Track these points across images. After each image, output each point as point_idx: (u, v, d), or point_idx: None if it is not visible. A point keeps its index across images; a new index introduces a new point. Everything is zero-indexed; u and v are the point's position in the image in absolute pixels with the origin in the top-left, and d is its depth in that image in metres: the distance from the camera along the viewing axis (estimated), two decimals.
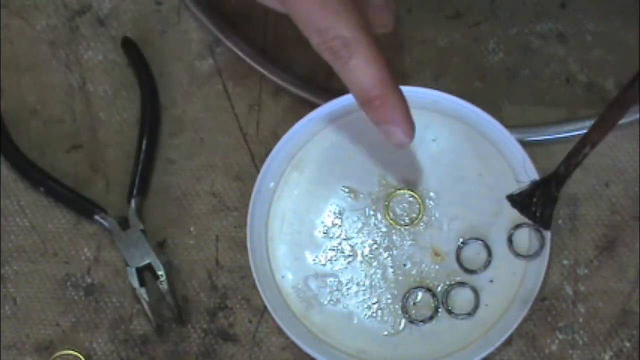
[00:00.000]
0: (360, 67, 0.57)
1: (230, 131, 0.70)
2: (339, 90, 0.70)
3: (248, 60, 0.70)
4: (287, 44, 0.71)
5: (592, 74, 0.70)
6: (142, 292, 0.66)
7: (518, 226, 0.65)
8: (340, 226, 0.66)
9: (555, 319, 0.66)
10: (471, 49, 0.71)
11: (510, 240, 0.65)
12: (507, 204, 0.65)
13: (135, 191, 0.68)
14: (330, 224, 0.66)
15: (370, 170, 0.67)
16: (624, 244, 0.67)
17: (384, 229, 0.66)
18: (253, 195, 0.66)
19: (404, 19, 0.72)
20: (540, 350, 0.66)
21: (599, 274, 0.67)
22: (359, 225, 0.66)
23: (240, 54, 0.71)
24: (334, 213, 0.66)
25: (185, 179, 0.69)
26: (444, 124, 0.67)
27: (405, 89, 0.64)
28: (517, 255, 0.65)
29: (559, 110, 0.70)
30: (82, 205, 0.68)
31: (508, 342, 0.66)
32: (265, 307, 0.66)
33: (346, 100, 0.66)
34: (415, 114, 0.63)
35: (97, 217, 0.67)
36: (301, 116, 0.68)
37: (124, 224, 0.67)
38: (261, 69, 0.70)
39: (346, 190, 0.67)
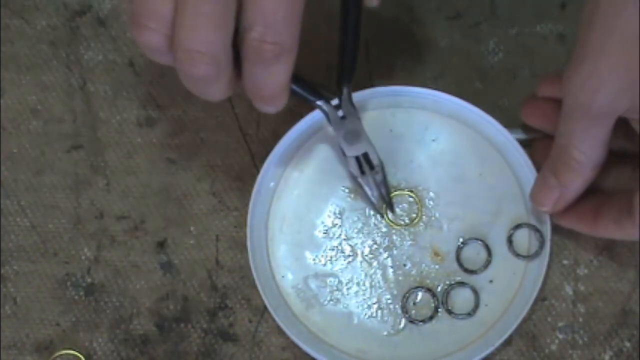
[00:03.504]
0: (277, 74, 0.58)
1: (230, 131, 0.70)
2: (338, 90, 0.70)
3: None
4: None
5: None
6: (364, 180, 0.66)
7: (518, 226, 0.65)
8: (340, 226, 0.66)
9: (555, 319, 0.66)
10: (471, 49, 0.71)
11: (510, 241, 0.65)
12: (507, 204, 0.65)
13: (344, 76, 0.66)
14: (330, 224, 0.66)
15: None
16: (624, 244, 0.67)
17: (383, 229, 0.66)
18: (253, 195, 0.66)
19: (404, 19, 0.72)
20: (540, 350, 0.66)
21: (599, 274, 0.67)
22: (359, 225, 0.66)
23: None
24: (334, 213, 0.67)
25: (185, 179, 0.70)
26: (444, 124, 0.67)
27: (405, 89, 0.65)
28: (517, 255, 0.65)
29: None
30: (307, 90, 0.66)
31: (508, 342, 0.66)
32: (265, 307, 0.66)
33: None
34: (415, 114, 0.63)
35: (319, 102, 0.65)
36: (301, 116, 0.68)
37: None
38: None
39: (346, 190, 0.67)
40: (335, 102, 0.66)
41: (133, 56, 0.72)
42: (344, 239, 0.66)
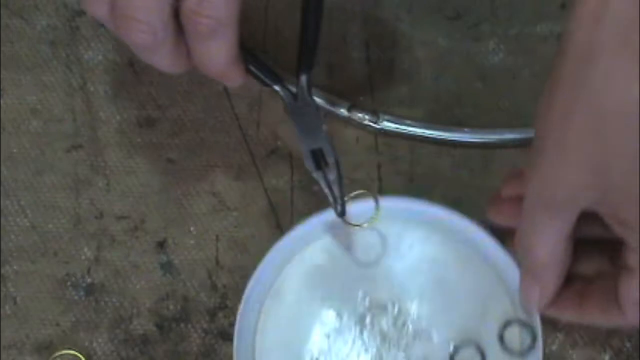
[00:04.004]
0: (217, 49, 0.58)
1: (230, 131, 0.70)
2: (339, 90, 0.70)
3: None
4: (287, 44, 0.71)
5: None
6: (318, 175, 0.63)
7: (507, 323, 0.64)
8: (329, 351, 0.64)
9: (555, 319, 0.66)
10: (471, 49, 0.71)
11: (501, 339, 0.63)
12: (492, 302, 0.64)
13: (302, 64, 0.63)
14: (318, 351, 0.64)
15: (352, 288, 0.65)
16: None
17: (374, 349, 0.64)
18: (235, 332, 0.63)
19: (404, 19, 0.72)
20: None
21: None
22: (348, 348, 0.64)
23: None
24: (321, 338, 0.64)
25: (185, 179, 0.70)
26: (418, 230, 0.65)
27: (371, 203, 0.63)
28: (511, 353, 0.63)
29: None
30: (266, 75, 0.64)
31: None
32: None
33: (314, 224, 0.65)
34: (388, 225, 0.63)
35: (276, 86, 0.64)
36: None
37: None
38: (261, 69, 0.70)
39: (330, 313, 0.65)
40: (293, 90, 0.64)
41: (133, 56, 0.72)
42: None
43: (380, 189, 0.69)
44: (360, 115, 0.69)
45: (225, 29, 0.57)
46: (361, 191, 0.65)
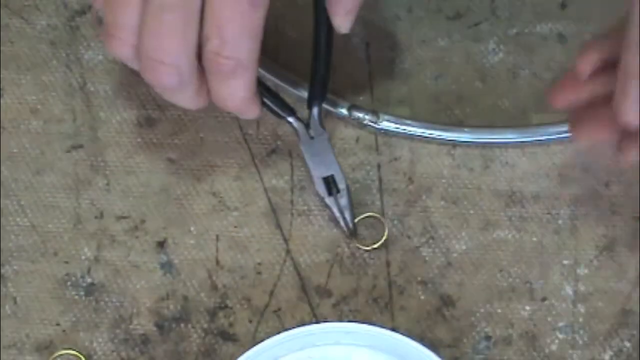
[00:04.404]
0: (235, 88, 0.60)
1: (230, 131, 0.70)
2: (339, 90, 0.70)
3: None
4: (287, 44, 0.71)
5: None
6: (330, 201, 0.66)
7: None
8: None
9: (555, 319, 0.66)
10: (471, 49, 0.71)
11: None
12: None
13: (314, 96, 0.67)
14: None
15: None
16: (624, 244, 0.67)
17: None
18: None
19: (404, 19, 0.72)
20: (540, 350, 0.66)
21: (599, 274, 0.67)
22: None
23: None
24: None
25: (185, 179, 0.69)
26: (362, 355, 0.64)
27: (314, 328, 0.63)
28: None
29: (559, 110, 0.70)
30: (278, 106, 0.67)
31: (508, 342, 0.66)
32: (265, 307, 0.67)
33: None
34: (331, 350, 0.62)
35: (290, 118, 0.67)
36: (302, 116, 0.68)
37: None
38: (261, 69, 0.70)
39: None
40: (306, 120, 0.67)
41: None
42: None
43: (380, 189, 0.69)
44: (360, 115, 0.69)
45: (245, 69, 0.59)
46: (369, 214, 0.67)
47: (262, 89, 0.66)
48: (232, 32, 0.58)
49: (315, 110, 0.67)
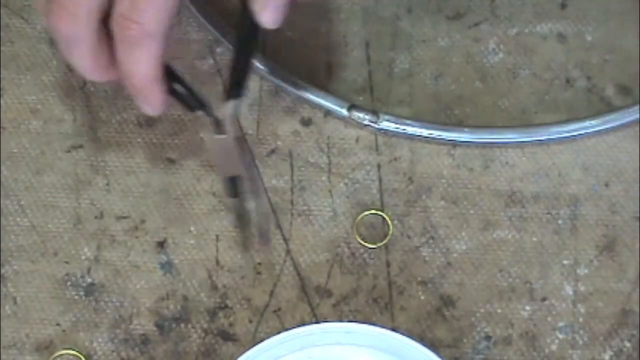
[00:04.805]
0: (142, 59, 0.59)
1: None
2: (339, 90, 0.70)
3: None
4: (287, 44, 0.71)
5: (592, 75, 0.70)
6: (234, 203, 0.63)
7: None
8: None
9: (555, 319, 0.66)
10: (471, 49, 0.71)
11: None
12: None
13: (230, 92, 0.61)
14: None
15: None
16: (624, 244, 0.67)
17: None
18: None
19: (404, 19, 0.72)
20: (540, 350, 0.66)
21: (599, 274, 0.67)
22: None
23: None
24: None
25: (185, 179, 0.69)
26: (361, 355, 0.63)
27: (314, 328, 0.62)
28: None
29: (559, 110, 0.70)
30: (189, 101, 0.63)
31: (508, 342, 0.66)
32: (265, 307, 0.67)
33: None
34: (331, 350, 0.62)
35: (198, 112, 0.62)
36: (302, 116, 0.68)
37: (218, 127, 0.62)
38: (261, 69, 0.70)
39: None
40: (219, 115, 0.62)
41: None
42: None
43: (380, 189, 0.69)
44: (360, 115, 0.69)
45: (152, 40, 0.58)
46: (372, 211, 0.66)
47: (174, 79, 0.61)
48: None
49: (230, 106, 0.61)
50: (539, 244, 0.67)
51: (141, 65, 0.59)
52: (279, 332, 0.63)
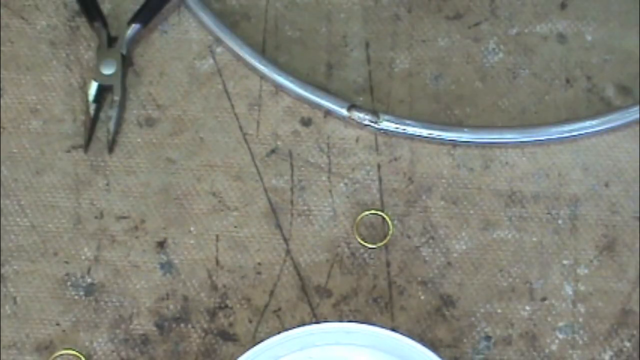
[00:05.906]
0: None
1: (230, 131, 0.70)
2: (339, 90, 0.70)
3: (248, 60, 0.70)
4: (287, 44, 0.72)
5: (592, 75, 0.70)
6: (92, 107, 0.69)
7: None
8: None
9: (555, 319, 0.66)
10: (471, 49, 0.71)
11: None
12: None
13: (139, 16, 0.69)
14: None
15: None
16: (624, 244, 0.67)
17: None
18: None
19: (404, 19, 0.72)
20: (540, 350, 0.66)
21: (599, 274, 0.67)
22: None
23: (240, 54, 0.71)
24: None
25: (185, 179, 0.70)
26: (362, 355, 0.64)
27: (314, 328, 0.62)
28: None
29: (559, 110, 0.70)
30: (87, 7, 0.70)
31: (508, 342, 0.66)
32: (265, 307, 0.67)
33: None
34: (331, 351, 0.62)
35: (96, 23, 0.70)
36: (302, 116, 0.68)
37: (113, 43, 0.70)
38: (261, 69, 0.70)
39: None
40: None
41: (133, 56, 0.72)
42: None
43: (380, 189, 0.69)
44: (360, 115, 0.69)
45: None
46: (372, 211, 0.67)
47: None
48: None
49: (131, 29, 0.69)
50: (539, 244, 0.67)
51: None
52: (279, 332, 0.63)
